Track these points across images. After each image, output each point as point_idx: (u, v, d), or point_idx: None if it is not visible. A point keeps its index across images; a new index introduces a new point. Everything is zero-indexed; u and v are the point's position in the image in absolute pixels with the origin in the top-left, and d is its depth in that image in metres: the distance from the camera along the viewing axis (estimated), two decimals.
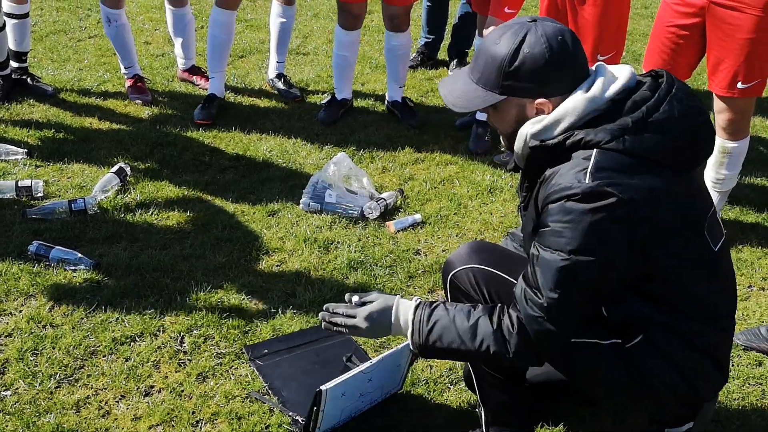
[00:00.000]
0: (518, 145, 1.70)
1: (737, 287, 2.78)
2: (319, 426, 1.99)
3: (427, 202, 3.33)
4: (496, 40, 1.67)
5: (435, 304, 1.75)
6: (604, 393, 1.79)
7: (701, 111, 1.67)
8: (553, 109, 1.64)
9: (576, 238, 1.54)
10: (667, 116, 1.59)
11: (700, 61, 2.95)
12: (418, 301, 1.78)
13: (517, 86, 1.65)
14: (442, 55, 5.01)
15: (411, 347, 1.76)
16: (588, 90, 1.62)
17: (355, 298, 1.85)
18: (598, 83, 1.63)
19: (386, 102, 4.22)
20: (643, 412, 1.90)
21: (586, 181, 1.54)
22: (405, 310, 1.78)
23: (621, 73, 1.67)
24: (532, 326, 1.63)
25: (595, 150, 1.57)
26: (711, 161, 3.02)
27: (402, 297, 1.83)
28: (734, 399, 2.31)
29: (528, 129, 1.66)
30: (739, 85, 2.77)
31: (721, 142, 2.95)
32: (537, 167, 1.67)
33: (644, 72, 1.78)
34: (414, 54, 4.84)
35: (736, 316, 2.62)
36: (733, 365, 2.44)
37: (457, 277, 1.89)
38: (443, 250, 3.00)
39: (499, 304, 1.72)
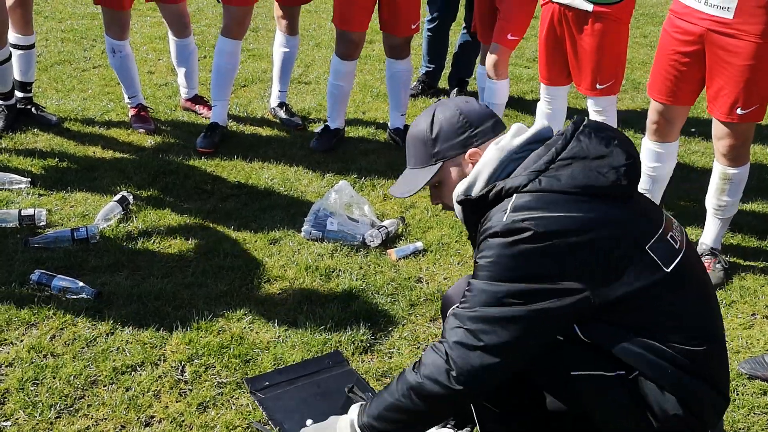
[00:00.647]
0: (455, 206, 1.84)
1: (741, 315, 2.82)
2: None
3: (429, 230, 3.33)
4: (414, 126, 1.89)
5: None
6: (614, 425, 1.78)
7: (613, 138, 1.73)
8: None
9: (499, 270, 1.64)
10: (575, 152, 1.70)
11: (703, 87, 2.98)
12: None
13: (445, 147, 1.83)
14: (443, 83, 5.06)
15: None
16: (499, 142, 1.78)
17: (309, 421, 2.08)
18: (508, 135, 1.80)
19: (388, 130, 4.26)
20: None
21: (504, 220, 1.65)
22: (351, 412, 1.87)
23: (534, 126, 1.83)
24: (455, 338, 1.66)
25: (515, 194, 1.68)
26: (712, 188, 3.03)
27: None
28: (740, 428, 2.29)
29: (458, 190, 1.81)
30: (739, 110, 2.80)
31: (722, 168, 2.96)
32: (473, 223, 1.79)
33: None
34: (415, 83, 4.88)
35: (739, 344, 2.65)
36: (738, 394, 2.42)
37: None
38: (445, 278, 3.00)
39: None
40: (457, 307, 1.70)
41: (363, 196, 3.47)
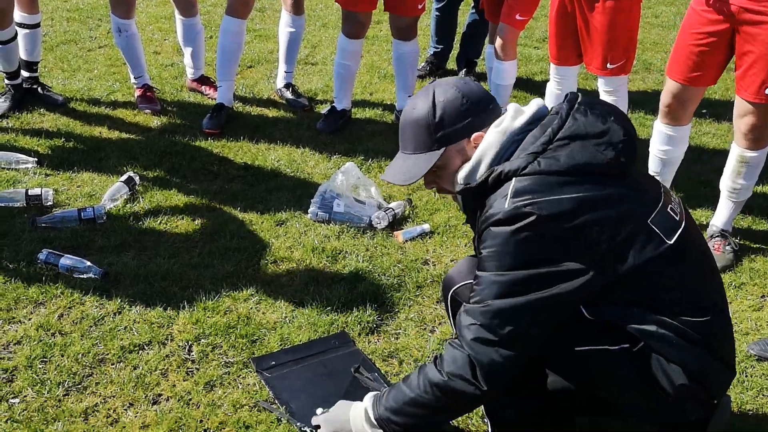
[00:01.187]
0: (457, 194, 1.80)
1: (750, 297, 2.80)
2: None
3: (436, 212, 3.32)
4: (411, 110, 1.80)
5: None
6: (620, 401, 1.78)
7: (608, 114, 1.70)
8: None
9: (506, 259, 1.62)
10: (573, 131, 1.66)
11: (724, 70, 2.94)
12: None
13: (449, 132, 1.75)
14: (451, 64, 5.02)
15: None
16: (500, 124, 1.73)
17: (319, 410, 2.04)
18: (507, 116, 1.74)
19: (395, 111, 4.23)
20: (664, 418, 1.88)
21: (506, 207, 1.61)
22: (364, 401, 1.87)
23: (530, 105, 1.78)
24: (472, 336, 1.65)
25: (514, 178, 1.65)
26: (728, 170, 3.00)
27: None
28: (749, 410, 2.28)
29: (459, 175, 1.76)
30: (767, 91, 2.76)
31: (740, 151, 2.93)
32: (473, 208, 1.75)
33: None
34: (423, 63, 4.85)
35: (748, 326, 2.64)
36: (746, 376, 2.41)
37: (458, 294, 1.89)
38: (452, 260, 2.99)
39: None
40: (468, 303, 1.68)
41: (370, 178, 3.46)
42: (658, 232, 1.67)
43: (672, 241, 1.68)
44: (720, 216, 3.10)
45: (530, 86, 4.75)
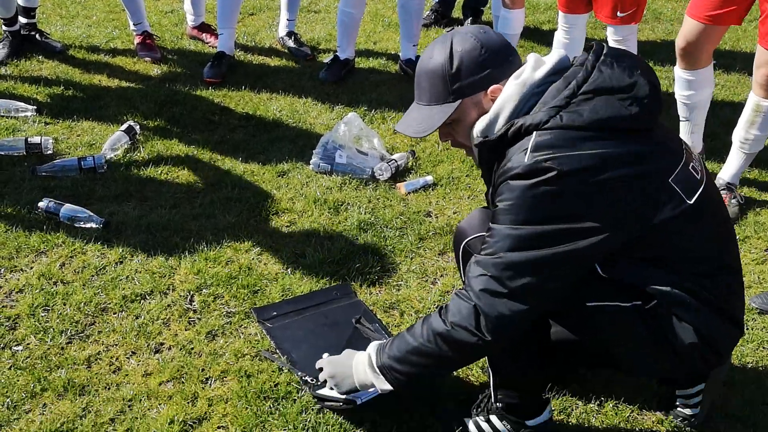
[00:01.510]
0: (473, 147, 1.74)
1: (755, 250, 2.79)
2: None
3: (439, 164, 3.29)
4: (428, 59, 1.73)
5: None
6: (628, 356, 1.78)
7: (635, 67, 1.64)
8: None
9: (522, 213, 1.58)
10: (598, 84, 1.61)
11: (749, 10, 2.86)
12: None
13: (466, 84, 1.69)
14: (457, 13, 4.91)
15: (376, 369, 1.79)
16: (519, 76, 1.67)
17: (325, 354, 2.00)
18: (527, 67, 1.68)
19: (399, 61, 4.15)
20: (667, 373, 1.88)
21: (525, 160, 1.57)
22: (368, 349, 1.85)
23: (551, 56, 1.71)
24: (480, 286, 1.62)
25: (535, 132, 1.59)
26: (742, 120, 2.95)
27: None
28: (749, 363, 2.29)
29: (476, 129, 1.70)
30: None
31: (756, 100, 2.87)
32: (490, 162, 1.70)
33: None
34: (428, 12, 4.74)
35: (751, 279, 2.63)
36: (748, 329, 2.41)
37: (470, 246, 1.86)
38: (454, 212, 2.97)
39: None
40: (480, 253, 1.65)
41: (373, 129, 3.41)
42: (678, 191, 1.63)
43: (692, 201, 1.65)
44: (728, 168, 3.06)
45: (537, 36, 4.65)
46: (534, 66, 1.68)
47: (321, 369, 1.95)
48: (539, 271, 1.59)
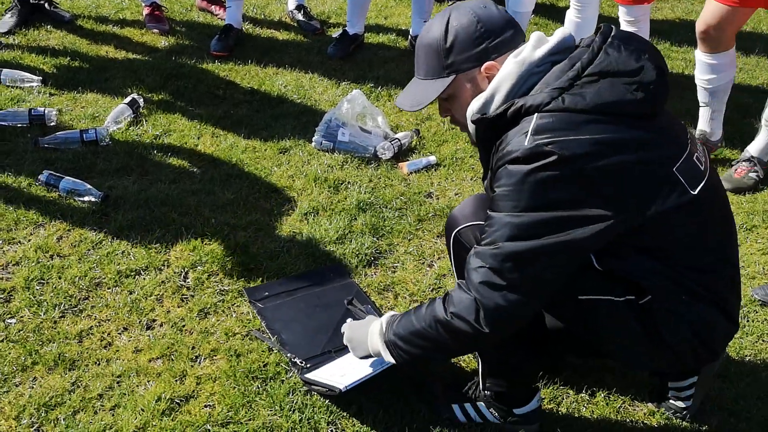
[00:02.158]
0: (469, 124, 1.69)
1: (761, 240, 2.72)
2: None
3: (444, 144, 3.24)
4: (426, 33, 1.72)
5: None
6: (620, 349, 1.76)
7: (643, 51, 1.59)
8: None
9: (522, 199, 1.53)
10: (603, 67, 1.55)
11: None
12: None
13: (459, 59, 1.67)
14: None
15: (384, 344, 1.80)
16: (519, 54, 1.62)
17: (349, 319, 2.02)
18: (528, 46, 1.63)
19: (409, 37, 4.09)
20: (661, 368, 1.85)
21: (526, 144, 1.52)
22: (382, 318, 1.85)
23: (554, 35, 1.66)
24: (479, 279, 1.58)
25: (536, 114, 1.55)
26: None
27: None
28: (746, 355, 2.25)
29: (472, 106, 1.66)
30: None
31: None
32: (487, 140, 1.65)
33: None
34: None
35: (756, 269, 2.57)
36: (747, 321, 2.36)
37: (461, 234, 1.83)
38: (456, 194, 2.93)
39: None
40: (479, 244, 1.61)
41: (378, 107, 3.37)
42: (682, 180, 1.59)
43: (695, 192, 1.60)
44: (756, 144, 3.03)
45: (551, 13, 4.55)
46: (535, 45, 1.63)
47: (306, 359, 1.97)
48: (539, 260, 1.55)
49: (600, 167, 1.51)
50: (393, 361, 1.78)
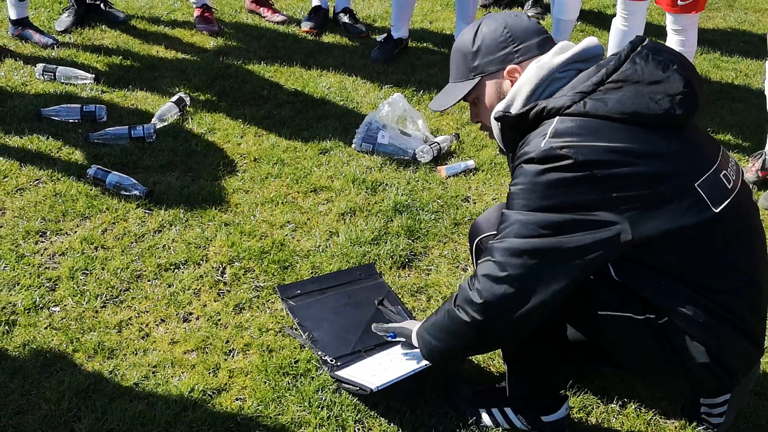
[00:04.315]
0: (493, 125, 1.73)
1: None
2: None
3: (483, 149, 3.24)
4: (459, 38, 1.80)
5: None
6: (638, 367, 1.75)
7: (671, 62, 1.58)
8: None
9: (533, 198, 1.55)
10: (628, 74, 1.56)
11: None
12: None
13: (484, 62, 1.72)
14: None
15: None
16: (540, 59, 1.66)
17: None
18: (550, 52, 1.66)
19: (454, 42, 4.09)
20: (681, 387, 1.83)
21: (542, 146, 1.54)
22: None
23: (581, 43, 1.68)
24: (483, 271, 1.61)
25: (557, 117, 1.56)
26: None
27: None
28: None
29: (496, 109, 1.70)
30: None
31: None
32: (512, 143, 1.68)
33: None
34: None
35: None
36: None
37: (483, 243, 1.84)
38: (493, 198, 2.93)
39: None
40: (491, 241, 1.65)
41: (419, 111, 3.38)
42: (704, 197, 1.56)
43: (718, 210, 1.57)
44: None
45: (600, 20, 4.50)
46: (557, 51, 1.67)
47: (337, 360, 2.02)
48: (540, 259, 1.55)
49: (612, 175, 1.51)
50: (420, 352, 1.83)
